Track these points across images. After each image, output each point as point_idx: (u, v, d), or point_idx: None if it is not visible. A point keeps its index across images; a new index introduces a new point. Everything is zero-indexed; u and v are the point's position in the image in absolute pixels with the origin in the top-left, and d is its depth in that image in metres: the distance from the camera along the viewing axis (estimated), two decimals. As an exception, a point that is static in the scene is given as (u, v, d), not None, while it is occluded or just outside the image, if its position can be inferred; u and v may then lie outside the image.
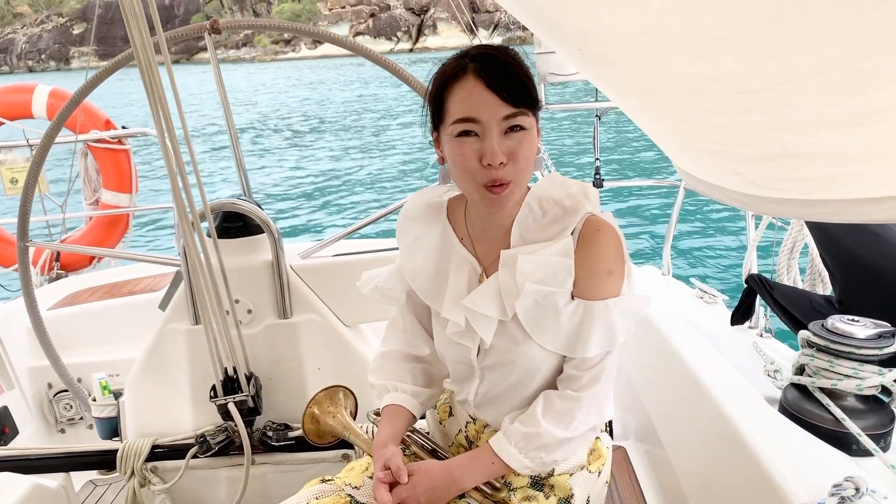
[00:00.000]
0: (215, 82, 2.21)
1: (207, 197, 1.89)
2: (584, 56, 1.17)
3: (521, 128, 1.19)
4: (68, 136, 4.56)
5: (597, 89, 4.24)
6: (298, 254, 2.36)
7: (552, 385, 1.36)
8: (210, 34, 2.13)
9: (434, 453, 1.50)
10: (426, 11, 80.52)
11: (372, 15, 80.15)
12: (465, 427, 1.50)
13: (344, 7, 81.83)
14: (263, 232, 2.16)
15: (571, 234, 1.28)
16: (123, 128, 5.30)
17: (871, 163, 0.64)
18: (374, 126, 22.60)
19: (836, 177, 0.71)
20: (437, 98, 1.24)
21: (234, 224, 2.16)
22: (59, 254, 5.08)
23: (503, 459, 1.32)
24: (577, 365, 1.31)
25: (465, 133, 1.19)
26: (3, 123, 5.24)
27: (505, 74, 1.18)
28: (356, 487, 1.42)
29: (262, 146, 19.69)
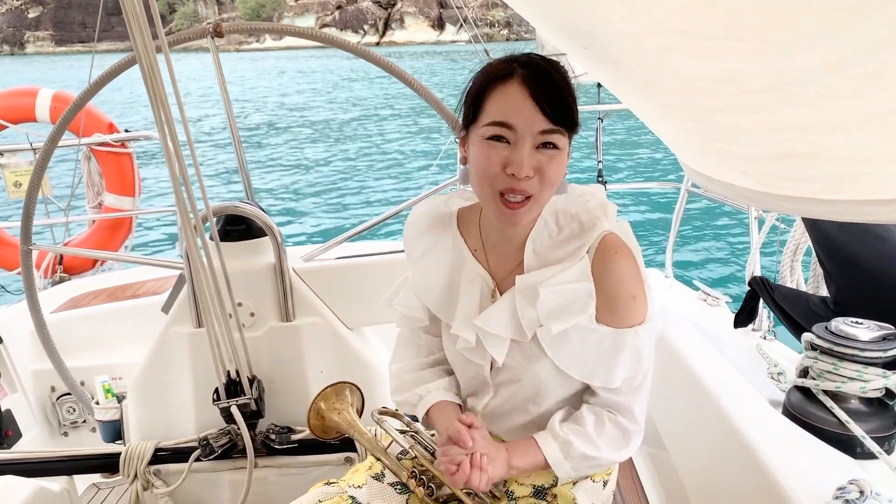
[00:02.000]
0: (218, 85, 2.21)
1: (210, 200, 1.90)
2: (591, 55, 1.16)
3: (555, 146, 1.16)
4: (71, 140, 4.57)
5: (599, 92, 4.24)
6: (301, 256, 2.36)
7: (567, 401, 1.35)
8: (213, 38, 2.13)
9: (435, 455, 1.50)
10: (393, 5, 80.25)
11: (338, 7, 79.70)
12: None
13: None
14: (266, 235, 2.16)
15: (587, 252, 1.25)
16: (126, 131, 5.32)
17: (876, 164, 0.64)
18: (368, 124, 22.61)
19: (841, 177, 0.71)
20: (476, 96, 1.20)
21: (237, 227, 2.16)
22: (62, 257, 5.09)
23: (554, 469, 1.30)
24: (611, 392, 1.28)
25: (497, 137, 1.16)
26: (7, 127, 5.26)
27: (551, 89, 1.14)
28: (359, 487, 1.42)
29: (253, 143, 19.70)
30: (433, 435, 1.58)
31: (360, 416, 1.73)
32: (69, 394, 3.14)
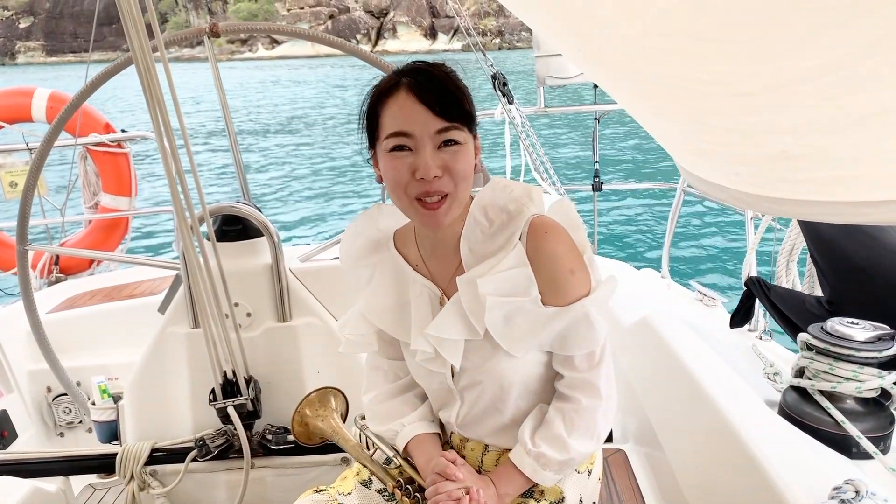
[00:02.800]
0: (215, 86, 2.21)
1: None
2: (584, 56, 1.17)
3: (455, 142, 1.19)
4: (68, 140, 4.56)
5: (595, 92, 4.25)
6: (298, 257, 2.36)
7: (531, 394, 1.35)
8: (209, 38, 2.13)
9: (417, 470, 1.49)
10: (385, 14, 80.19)
11: (331, 16, 79.69)
12: (449, 436, 1.50)
13: (303, 8, 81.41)
14: (263, 235, 2.16)
15: (519, 238, 1.26)
16: (123, 131, 5.31)
17: (870, 165, 0.64)
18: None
19: (834, 179, 0.71)
20: (371, 114, 1.24)
21: (234, 227, 2.16)
22: (58, 257, 5.07)
23: (538, 483, 1.33)
24: (573, 366, 1.30)
25: (399, 147, 1.19)
26: (3, 127, 5.25)
27: (437, 88, 1.17)
28: (347, 494, 1.43)
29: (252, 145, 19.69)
30: None
31: (344, 421, 1.72)
32: (65, 394, 3.14)
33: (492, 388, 1.33)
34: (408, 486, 1.40)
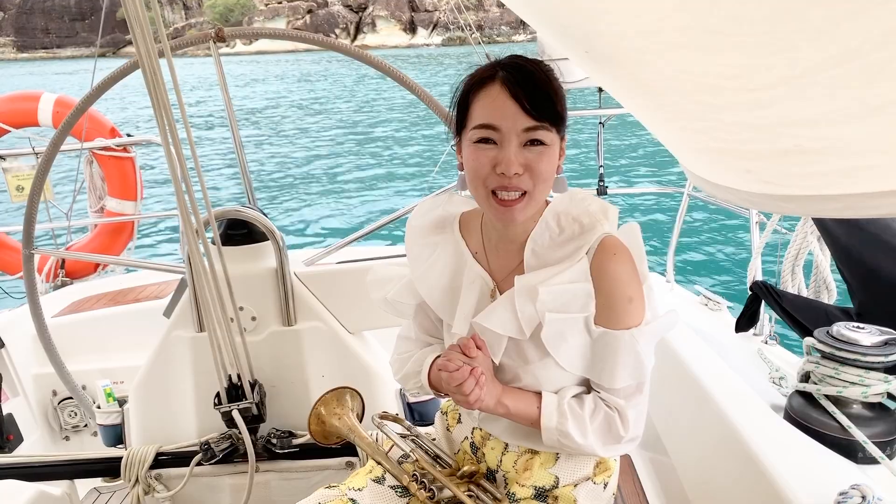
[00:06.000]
0: (220, 88, 2.22)
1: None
2: (592, 58, 1.17)
3: (541, 142, 1.18)
4: (74, 144, 4.58)
5: (600, 96, 4.24)
6: (303, 261, 2.36)
7: None
8: (215, 42, 2.14)
9: (437, 459, 1.50)
10: (364, 9, 79.65)
11: (309, 11, 78.92)
12: (472, 433, 1.50)
13: (280, 2, 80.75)
14: (268, 239, 2.16)
15: (586, 253, 1.26)
16: (128, 135, 5.33)
17: (884, 155, 0.64)
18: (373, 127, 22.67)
19: (848, 170, 0.71)
20: (462, 102, 1.24)
21: (239, 231, 2.16)
22: (63, 261, 5.10)
23: (541, 426, 1.29)
24: (614, 390, 1.28)
25: (484, 140, 1.19)
26: (9, 131, 5.27)
27: (531, 86, 1.17)
28: (359, 490, 1.42)
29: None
30: (434, 440, 1.58)
31: (360, 421, 1.73)
32: (71, 398, 3.15)
33: (525, 389, 1.33)
34: (423, 480, 1.40)
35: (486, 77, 1.20)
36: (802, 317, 2.30)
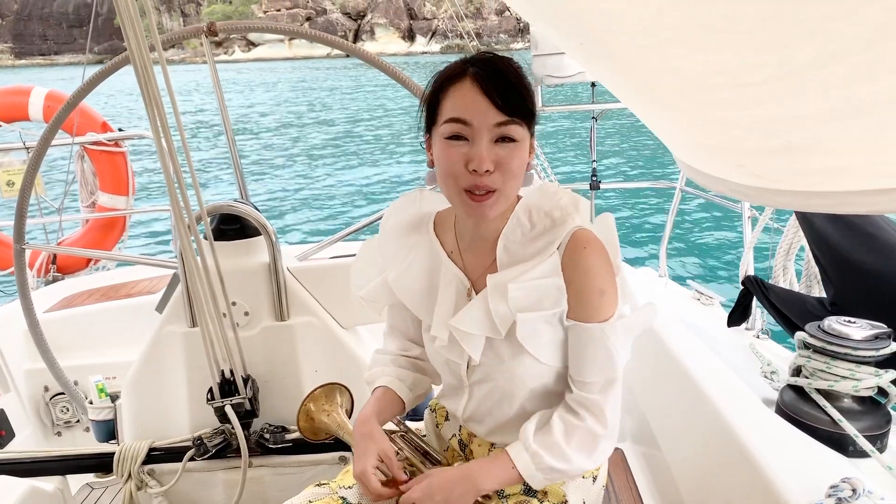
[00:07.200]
0: (213, 85, 2.21)
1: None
2: (586, 51, 1.17)
3: (512, 139, 1.18)
4: (65, 139, 4.55)
5: (593, 91, 4.25)
6: (295, 256, 2.36)
7: (538, 399, 1.35)
8: (207, 37, 2.13)
9: (426, 455, 1.50)
10: (363, 16, 79.65)
11: (308, 19, 78.94)
12: (459, 430, 1.50)
13: (279, 10, 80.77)
14: (260, 234, 2.16)
15: (557, 248, 1.25)
16: (120, 130, 5.30)
17: (873, 154, 0.64)
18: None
19: (839, 169, 0.71)
20: (432, 99, 1.24)
21: (231, 226, 2.16)
22: (55, 256, 5.07)
23: (525, 479, 1.28)
24: (586, 387, 1.27)
25: (456, 137, 1.18)
26: (0, 126, 5.24)
27: (502, 82, 1.17)
28: (349, 488, 1.42)
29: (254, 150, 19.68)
30: (425, 436, 1.58)
31: (349, 417, 1.72)
32: (62, 393, 3.13)
33: (502, 388, 1.33)
34: (413, 476, 1.40)
35: (456, 73, 1.19)
36: (786, 308, 2.31)
